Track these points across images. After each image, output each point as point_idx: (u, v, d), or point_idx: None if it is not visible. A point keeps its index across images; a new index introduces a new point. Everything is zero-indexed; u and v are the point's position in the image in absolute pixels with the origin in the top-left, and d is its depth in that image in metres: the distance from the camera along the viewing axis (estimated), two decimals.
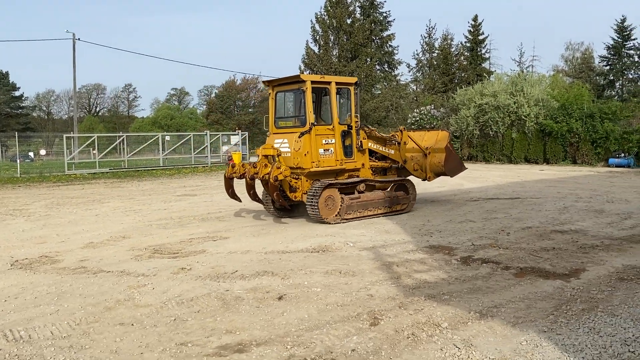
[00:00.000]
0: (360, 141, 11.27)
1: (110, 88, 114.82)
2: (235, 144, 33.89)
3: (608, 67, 53.59)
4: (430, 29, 53.13)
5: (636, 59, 52.89)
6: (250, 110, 73.00)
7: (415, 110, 35.76)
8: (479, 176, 15.61)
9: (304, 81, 10.60)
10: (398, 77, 51.45)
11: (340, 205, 10.63)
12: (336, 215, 10.58)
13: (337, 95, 11.06)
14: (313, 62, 46.36)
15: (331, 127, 10.90)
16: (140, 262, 7.51)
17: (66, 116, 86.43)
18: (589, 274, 6.37)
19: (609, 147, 25.79)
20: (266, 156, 10.69)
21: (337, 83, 11.09)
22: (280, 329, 4.79)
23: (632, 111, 32.81)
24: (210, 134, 32.63)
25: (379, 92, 48.72)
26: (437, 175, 12.64)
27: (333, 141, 10.90)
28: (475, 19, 51.55)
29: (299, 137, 10.49)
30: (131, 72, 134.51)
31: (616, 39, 52.30)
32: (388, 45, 50.11)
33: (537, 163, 28.05)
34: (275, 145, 10.86)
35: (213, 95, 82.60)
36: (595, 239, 8.48)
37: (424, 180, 12.72)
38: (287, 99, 11.58)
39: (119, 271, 6.99)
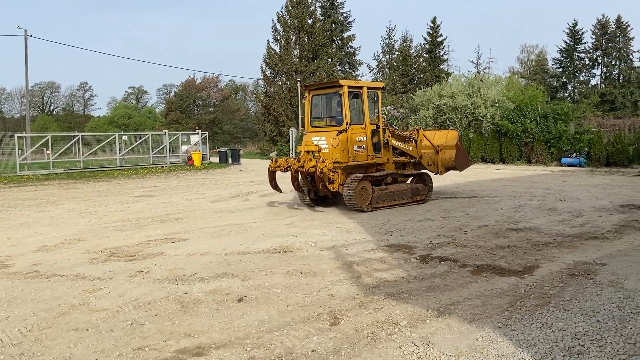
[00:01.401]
0: (387, 139, 12.67)
1: (65, 86, 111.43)
2: (195, 144, 33.38)
3: (561, 70, 55.44)
4: (390, 31, 53.94)
5: (587, 62, 54.93)
6: (210, 109, 72.08)
7: None
8: (437, 175, 15.88)
9: (341, 86, 11.81)
10: (359, 78, 51.86)
11: (372, 195, 11.78)
12: (369, 204, 11.75)
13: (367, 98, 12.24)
14: (274, 61, 46.12)
15: (363, 126, 12.17)
16: (96, 265, 7.32)
17: (18, 115, 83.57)
18: (542, 271, 6.57)
19: (562, 146, 26.65)
20: (308, 152, 11.88)
21: (368, 87, 12.33)
22: (240, 331, 4.75)
23: (583, 112, 34.07)
24: (169, 134, 32.02)
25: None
26: (448, 169, 14.21)
27: (364, 139, 12.18)
28: (434, 21, 52.56)
29: (337, 134, 11.69)
30: (87, 70, 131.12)
31: (568, 42, 54.19)
32: (349, 46, 50.46)
33: (493, 162, 28.72)
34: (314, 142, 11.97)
35: (172, 94, 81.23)
36: (548, 236, 8.75)
37: (435, 174, 14.07)
38: (322, 102, 12.87)
39: (73, 275, 6.79)
